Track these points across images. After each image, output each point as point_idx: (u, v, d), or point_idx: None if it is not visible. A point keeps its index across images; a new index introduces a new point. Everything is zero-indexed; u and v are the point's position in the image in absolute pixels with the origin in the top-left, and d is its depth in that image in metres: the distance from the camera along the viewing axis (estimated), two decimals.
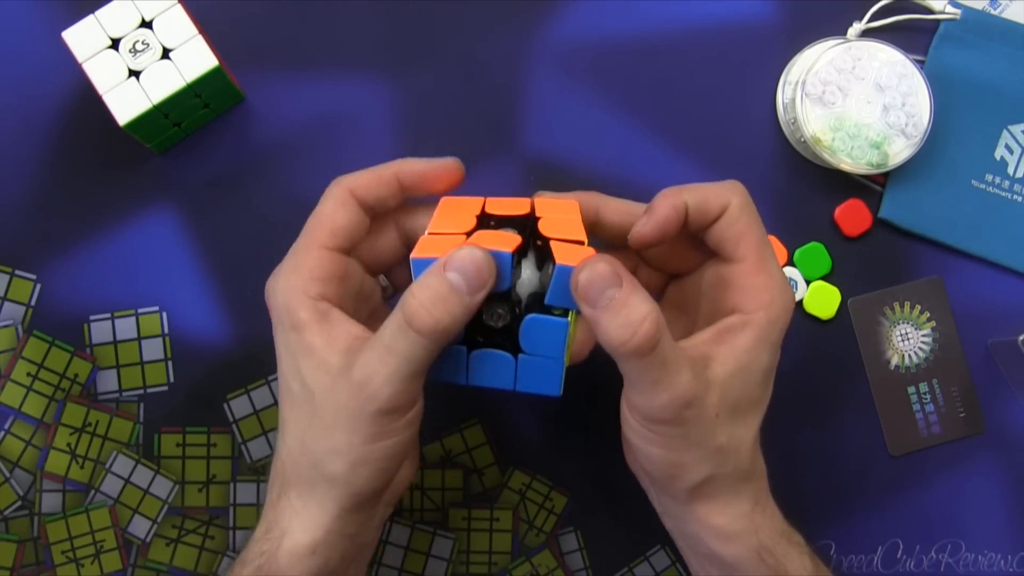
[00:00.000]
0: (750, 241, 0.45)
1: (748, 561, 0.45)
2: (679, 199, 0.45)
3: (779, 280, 0.45)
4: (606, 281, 0.39)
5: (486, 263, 0.40)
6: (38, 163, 0.57)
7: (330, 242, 0.45)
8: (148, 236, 0.58)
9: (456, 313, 0.40)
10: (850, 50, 0.57)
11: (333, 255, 0.45)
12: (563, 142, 0.59)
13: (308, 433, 0.43)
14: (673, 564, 0.58)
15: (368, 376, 0.41)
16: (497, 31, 0.59)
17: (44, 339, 0.57)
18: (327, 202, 0.45)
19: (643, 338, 0.39)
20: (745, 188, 0.46)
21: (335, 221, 0.45)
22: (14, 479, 0.56)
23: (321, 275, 0.44)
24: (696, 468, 0.44)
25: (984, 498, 0.59)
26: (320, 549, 0.43)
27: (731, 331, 0.44)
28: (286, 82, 0.58)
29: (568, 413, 0.58)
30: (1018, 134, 0.59)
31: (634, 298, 0.39)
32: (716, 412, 0.43)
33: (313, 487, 0.43)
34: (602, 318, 0.39)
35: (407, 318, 0.40)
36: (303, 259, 0.44)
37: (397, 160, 0.47)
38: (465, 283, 0.40)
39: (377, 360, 0.41)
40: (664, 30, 0.60)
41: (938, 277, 0.59)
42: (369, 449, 0.42)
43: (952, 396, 0.59)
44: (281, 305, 0.44)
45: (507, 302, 0.42)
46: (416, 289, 0.40)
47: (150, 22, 0.53)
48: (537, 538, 0.58)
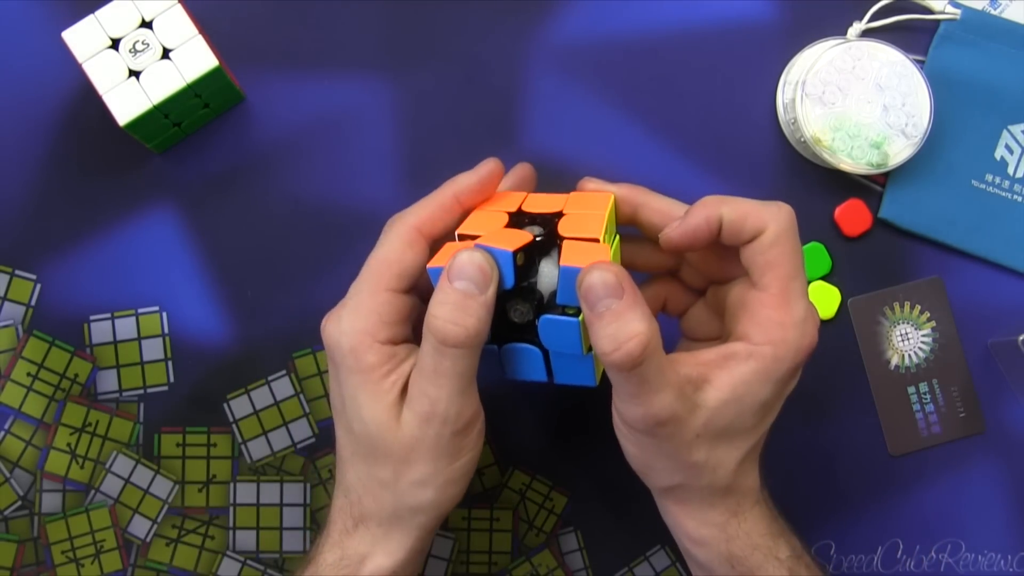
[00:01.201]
0: (777, 272, 0.43)
1: (718, 566, 0.46)
2: (715, 212, 0.44)
3: (798, 318, 0.43)
4: (608, 289, 0.39)
5: (484, 259, 0.41)
6: (38, 163, 0.57)
7: (398, 285, 0.44)
8: (148, 236, 0.58)
9: (479, 314, 0.41)
10: (850, 50, 0.57)
11: (400, 297, 0.44)
12: (563, 142, 0.59)
13: (384, 471, 0.44)
14: (673, 564, 0.58)
15: (431, 403, 0.42)
16: (497, 31, 0.59)
17: (44, 339, 0.57)
18: (392, 242, 0.44)
19: (624, 356, 0.39)
20: (791, 214, 0.44)
21: (403, 263, 0.44)
22: (14, 479, 0.56)
23: (390, 319, 0.44)
24: (666, 475, 0.44)
25: (984, 498, 0.59)
26: (400, 570, 0.45)
27: (734, 359, 0.43)
28: (286, 82, 0.58)
29: (568, 413, 0.58)
30: (1018, 134, 0.59)
31: (630, 314, 0.39)
32: (697, 434, 0.42)
33: (399, 518, 0.45)
34: (595, 323, 0.40)
35: (439, 339, 0.41)
36: (370, 302, 0.44)
37: (447, 183, 0.46)
38: (474, 285, 0.41)
39: (432, 386, 0.42)
40: (664, 30, 0.60)
41: (938, 277, 0.59)
42: (453, 469, 0.44)
43: (952, 396, 0.59)
44: (347, 349, 0.43)
45: (529, 299, 0.42)
46: (434, 308, 0.41)
47: (150, 22, 0.53)
48: (537, 538, 0.58)
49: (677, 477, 0.44)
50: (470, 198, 0.46)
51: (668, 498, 0.46)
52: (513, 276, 0.42)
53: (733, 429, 0.43)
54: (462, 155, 0.49)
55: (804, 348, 0.44)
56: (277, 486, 0.57)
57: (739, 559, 0.45)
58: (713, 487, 0.44)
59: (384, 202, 0.58)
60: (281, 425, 0.58)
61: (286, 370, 0.58)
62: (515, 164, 0.50)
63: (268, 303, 0.58)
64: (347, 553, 0.45)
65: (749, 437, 0.44)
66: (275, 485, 0.57)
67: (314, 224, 0.58)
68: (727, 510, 0.45)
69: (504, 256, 0.41)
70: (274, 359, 0.58)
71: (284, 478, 0.58)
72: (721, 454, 0.44)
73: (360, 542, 0.45)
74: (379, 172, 0.58)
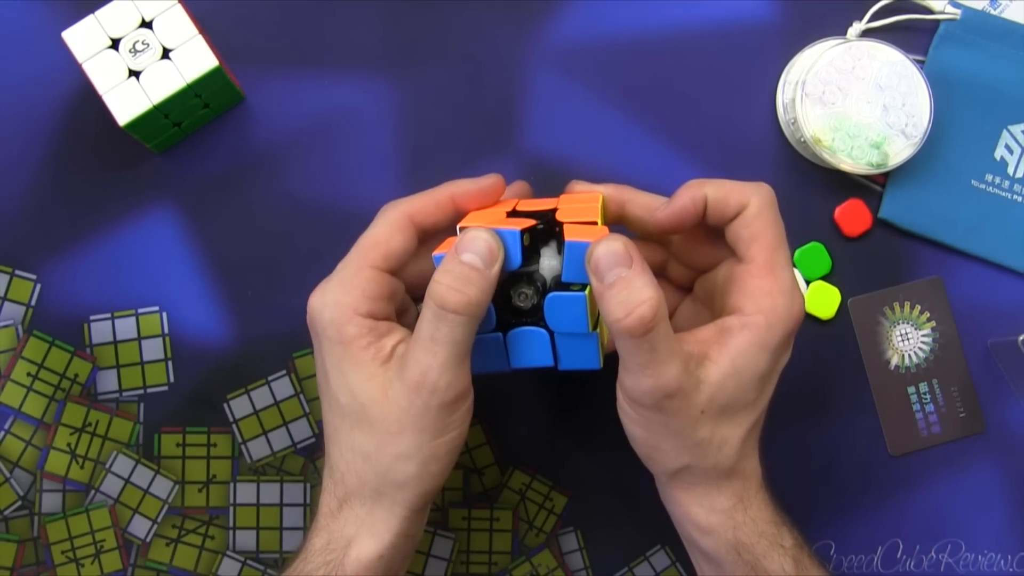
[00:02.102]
0: (762, 243, 0.46)
1: (725, 555, 0.46)
2: (699, 191, 0.46)
3: (785, 286, 0.45)
4: (618, 258, 0.41)
5: (492, 238, 0.42)
6: (38, 163, 0.57)
7: (383, 264, 0.45)
8: (148, 236, 0.58)
9: (481, 286, 0.42)
10: (850, 50, 0.57)
11: (384, 276, 0.46)
12: (563, 142, 0.59)
13: (368, 443, 0.44)
14: (673, 564, 0.58)
15: (423, 372, 0.42)
16: (497, 31, 0.59)
17: (44, 339, 0.57)
18: (383, 225, 0.46)
19: (636, 320, 0.40)
20: (771, 191, 0.47)
21: (390, 244, 0.46)
22: (14, 479, 0.56)
23: (372, 294, 0.45)
24: (673, 456, 0.45)
25: (984, 498, 0.59)
26: (387, 553, 0.45)
27: (729, 332, 0.45)
28: (286, 82, 0.58)
29: (568, 413, 0.58)
30: (1018, 134, 0.59)
31: (639, 280, 0.41)
32: (702, 410, 0.44)
33: (381, 495, 0.44)
34: (606, 293, 0.41)
35: (440, 303, 0.41)
36: (354, 277, 0.45)
37: (447, 183, 0.48)
38: (479, 259, 0.42)
39: (426, 353, 0.42)
40: (664, 30, 0.60)
41: (938, 277, 0.59)
42: (437, 445, 0.44)
43: (952, 396, 0.59)
44: (328, 320, 0.44)
45: (533, 283, 0.44)
46: (439, 276, 0.42)
47: (150, 22, 0.53)
48: (537, 538, 0.58)
49: (684, 457, 0.45)
50: (466, 202, 0.47)
51: (675, 484, 0.46)
52: (520, 255, 0.43)
53: (735, 404, 0.45)
54: (462, 155, 0.49)
55: (794, 316, 0.45)
56: (277, 486, 0.58)
57: (745, 547, 0.46)
58: (719, 468, 0.45)
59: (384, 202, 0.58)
60: (281, 425, 0.58)
61: (286, 370, 0.58)
62: (514, 164, 0.50)
63: (268, 303, 0.58)
64: (333, 537, 0.45)
65: (750, 413, 0.46)
66: (275, 485, 0.57)
67: (314, 224, 0.58)
68: (733, 494, 0.46)
69: (512, 235, 0.43)
70: (274, 359, 0.58)
71: (284, 478, 0.58)
72: (725, 431, 0.45)
73: (345, 523, 0.45)
74: (379, 172, 0.58)
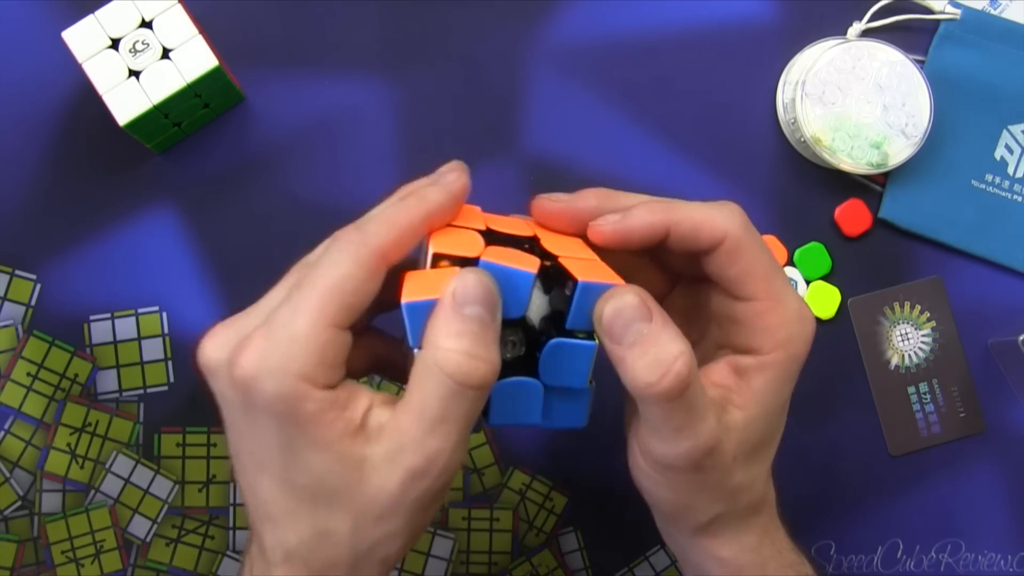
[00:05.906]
0: (757, 278, 0.39)
1: None
2: (661, 220, 0.39)
3: (795, 312, 0.40)
4: (635, 314, 0.35)
5: (488, 278, 0.35)
6: (38, 163, 0.57)
7: (346, 320, 0.35)
8: (148, 236, 0.58)
9: (496, 346, 0.35)
10: (850, 50, 0.57)
11: (344, 335, 0.35)
12: (563, 142, 0.59)
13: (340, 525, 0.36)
14: (673, 564, 0.58)
15: (429, 459, 0.35)
16: (497, 31, 0.59)
17: (44, 339, 0.57)
18: (349, 267, 0.35)
19: (674, 380, 0.35)
20: (742, 210, 0.40)
21: (359, 295, 0.35)
22: (14, 479, 0.56)
23: (333, 360, 0.35)
24: (707, 509, 0.40)
25: (984, 498, 0.59)
26: None
27: (748, 373, 0.40)
28: (286, 82, 0.58)
29: None
30: (1018, 134, 0.59)
31: (665, 334, 0.35)
32: (733, 456, 0.39)
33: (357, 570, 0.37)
34: (628, 356, 0.35)
35: (460, 379, 0.34)
36: (311, 339, 0.34)
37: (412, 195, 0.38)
38: (487, 312, 0.35)
39: (435, 438, 0.34)
40: (664, 30, 0.60)
41: (938, 277, 0.59)
42: (427, 515, 0.37)
43: (952, 396, 0.59)
44: (273, 394, 0.34)
45: (520, 329, 0.37)
46: (446, 342, 0.34)
47: (150, 22, 0.53)
48: (537, 538, 0.58)
49: (717, 507, 0.40)
50: (441, 219, 0.38)
51: (703, 535, 0.41)
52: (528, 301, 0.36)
53: (764, 440, 0.41)
54: (461, 155, 0.48)
55: (810, 336, 0.41)
56: None
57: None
58: (750, 507, 0.41)
59: None
60: None
61: None
62: (514, 165, 0.49)
63: None
64: None
65: (773, 444, 0.42)
66: None
67: (314, 224, 0.57)
68: (760, 530, 0.42)
69: (523, 277, 0.35)
70: None
71: None
72: (756, 470, 0.41)
73: None
74: (379, 172, 0.58)
